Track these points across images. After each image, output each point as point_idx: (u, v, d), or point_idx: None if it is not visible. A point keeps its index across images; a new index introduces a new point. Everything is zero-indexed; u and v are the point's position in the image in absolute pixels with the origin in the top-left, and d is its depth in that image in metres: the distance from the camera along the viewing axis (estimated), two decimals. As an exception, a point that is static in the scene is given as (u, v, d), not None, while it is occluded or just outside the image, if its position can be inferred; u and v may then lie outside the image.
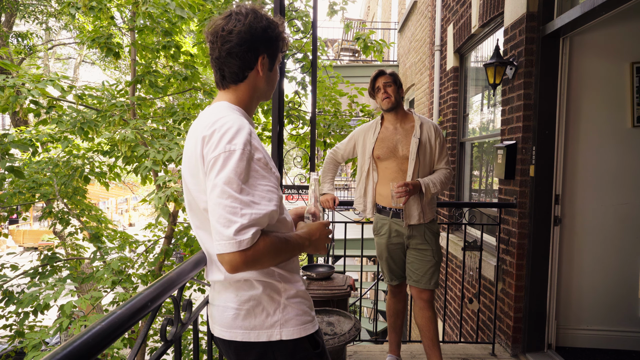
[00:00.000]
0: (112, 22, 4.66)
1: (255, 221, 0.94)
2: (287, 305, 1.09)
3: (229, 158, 0.95)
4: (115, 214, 25.00)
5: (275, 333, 1.07)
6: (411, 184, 2.22)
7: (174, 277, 1.11)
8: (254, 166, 0.98)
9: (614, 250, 2.77)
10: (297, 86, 5.12)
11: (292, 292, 1.11)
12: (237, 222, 0.92)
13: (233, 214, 0.93)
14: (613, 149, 2.74)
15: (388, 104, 2.34)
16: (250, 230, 0.93)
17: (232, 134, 0.98)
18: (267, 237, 0.98)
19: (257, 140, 1.03)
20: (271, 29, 1.09)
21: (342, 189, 13.04)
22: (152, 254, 5.21)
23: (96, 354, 0.75)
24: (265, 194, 0.97)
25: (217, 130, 0.99)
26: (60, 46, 14.36)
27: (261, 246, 0.96)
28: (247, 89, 1.12)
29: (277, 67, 1.17)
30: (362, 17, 16.85)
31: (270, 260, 1.01)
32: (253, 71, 1.10)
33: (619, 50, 2.71)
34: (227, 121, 1.01)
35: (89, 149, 4.96)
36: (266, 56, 1.10)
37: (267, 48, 1.10)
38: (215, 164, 0.96)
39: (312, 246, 1.14)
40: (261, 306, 1.08)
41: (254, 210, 0.94)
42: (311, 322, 1.13)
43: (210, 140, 0.99)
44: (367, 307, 8.74)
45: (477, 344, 3.10)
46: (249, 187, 0.96)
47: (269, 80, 1.15)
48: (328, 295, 2.54)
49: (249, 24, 1.05)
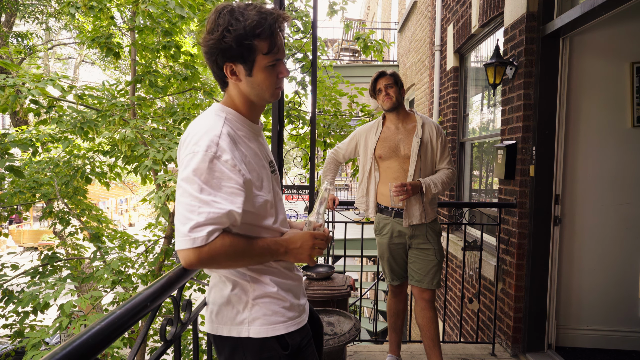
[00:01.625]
0: (112, 22, 4.65)
1: (213, 220, 0.96)
2: (254, 305, 1.12)
3: (192, 159, 0.99)
4: (115, 214, 25.01)
5: (243, 330, 1.11)
6: (410, 185, 2.22)
7: (173, 277, 1.11)
8: (219, 167, 0.99)
9: (614, 250, 2.77)
10: (297, 86, 5.12)
11: (260, 293, 1.12)
12: (193, 220, 0.95)
13: (191, 211, 0.96)
14: (613, 149, 2.74)
15: (389, 105, 2.34)
16: (206, 228, 0.95)
17: (199, 137, 1.01)
18: (228, 237, 1.00)
19: (229, 142, 1.02)
20: (226, 39, 1.02)
21: (342, 189, 13.04)
22: (152, 254, 5.21)
23: (96, 353, 0.75)
24: (227, 195, 0.99)
25: (189, 134, 1.05)
26: (60, 46, 14.36)
27: (218, 245, 0.97)
28: (235, 93, 1.13)
29: (265, 69, 1.07)
30: (362, 17, 16.85)
31: (228, 261, 1.03)
32: (230, 79, 1.10)
33: (619, 50, 2.71)
34: (198, 125, 1.06)
35: (90, 149, 4.96)
36: (232, 64, 1.07)
37: (227, 57, 1.05)
38: (182, 165, 1.02)
39: (289, 254, 1.13)
40: (231, 304, 1.12)
41: (212, 209, 0.96)
42: (283, 323, 1.13)
43: (183, 145, 1.05)
44: (367, 307, 8.74)
45: (477, 344, 3.10)
46: (210, 187, 0.98)
47: (252, 84, 1.09)
48: (328, 295, 2.54)
49: (205, 37, 1.06)
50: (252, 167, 1.08)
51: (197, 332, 1.36)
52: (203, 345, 4.80)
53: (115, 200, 26.01)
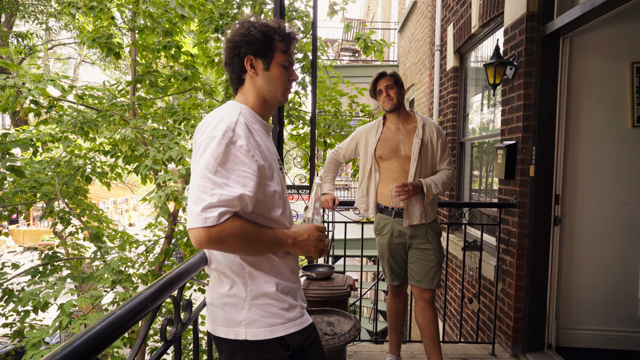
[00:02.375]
0: (112, 22, 4.66)
1: (225, 202, 0.99)
2: (252, 307, 1.12)
3: (210, 143, 1.03)
4: (115, 214, 25.00)
5: (241, 332, 1.11)
6: (411, 185, 2.22)
7: (174, 277, 1.11)
8: (234, 152, 1.03)
9: (614, 250, 2.77)
10: (297, 86, 5.12)
11: (258, 293, 1.12)
12: (206, 200, 0.98)
13: (204, 192, 0.99)
14: (613, 149, 2.74)
15: (390, 106, 2.34)
16: (218, 209, 0.98)
17: (216, 123, 1.07)
18: (238, 221, 1.02)
19: (245, 129, 1.08)
20: (251, 31, 1.15)
21: (342, 189, 13.04)
22: (152, 254, 5.21)
23: (96, 353, 0.75)
24: (240, 179, 1.02)
25: (206, 121, 1.10)
26: (60, 46, 14.37)
27: (229, 227, 1.00)
28: (249, 90, 1.20)
29: (280, 66, 1.19)
30: (362, 17, 16.85)
31: (237, 244, 1.04)
32: (247, 74, 1.19)
33: (619, 50, 2.71)
34: (215, 114, 1.12)
35: (91, 149, 4.96)
36: (252, 57, 1.17)
37: (251, 50, 1.16)
38: (199, 149, 1.05)
39: (297, 246, 1.16)
40: (229, 305, 1.13)
41: (224, 191, 0.99)
42: (282, 325, 1.13)
43: (200, 130, 1.09)
44: (367, 307, 8.74)
45: (477, 344, 3.10)
46: (224, 170, 1.01)
47: (268, 78, 1.18)
48: (328, 295, 2.54)
49: (232, 34, 1.18)
50: (265, 156, 1.12)
51: (197, 332, 1.37)
52: (203, 345, 4.81)
53: (115, 200, 26.01)
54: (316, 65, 2.94)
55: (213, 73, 5.95)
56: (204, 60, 5.37)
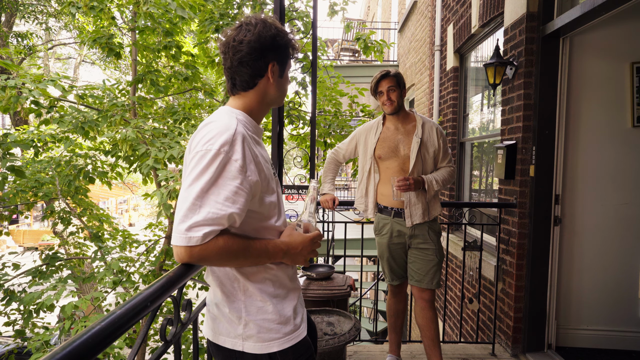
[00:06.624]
0: (113, 22, 4.66)
1: (212, 221, 0.96)
2: (248, 322, 1.11)
3: (204, 157, 0.99)
4: (115, 213, 25.01)
5: (237, 344, 1.11)
6: (412, 179, 2.22)
7: (174, 277, 1.11)
8: (228, 167, 1.00)
9: (614, 250, 2.77)
10: (297, 86, 5.13)
11: (255, 309, 1.11)
12: (192, 219, 0.96)
13: (191, 210, 0.97)
14: (613, 149, 2.74)
15: (390, 110, 2.33)
16: (203, 229, 0.96)
17: (213, 135, 1.02)
18: (222, 239, 0.99)
19: (241, 142, 1.03)
20: (280, 37, 1.12)
21: (342, 189, 13.04)
22: (153, 254, 5.21)
23: (96, 354, 0.75)
24: (231, 195, 0.99)
25: (203, 131, 1.05)
26: (60, 46, 14.37)
27: (211, 246, 0.97)
28: (256, 95, 1.16)
29: (288, 73, 1.20)
30: (362, 17, 16.85)
31: (220, 262, 1.04)
32: (263, 78, 1.14)
33: (619, 50, 2.71)
34: (214, 124, 1.06)
35: (92, 149, 4.97)
36: (276, 63, 1.14)
37: (276, 55, 1.13)
38: (192, 160, 1.01)
39: (288, 258, 1.14)
40: (225, 317, 1.12)
41: (212, 209, 0.97)
42: (277, 340, 1.12)
43: (195, 140, 1.05)
44: (367, 307, 8.74)
45: (477, 344, 3.10)
46: (215, 187, 0.98)
47: (279, 86, 1.18)
48: (328, 295, 2.55)
49: (258, 33, 1.10)
50: (261, 167, 1.09)
51: (197, 332, 1.37)
52: (203, 344, 4.81)
53: (115, 200, 26.02)
54: (316, 65, 2.94)
55: (213, 73, 5.96)
56: (205, 61, 5.37)
